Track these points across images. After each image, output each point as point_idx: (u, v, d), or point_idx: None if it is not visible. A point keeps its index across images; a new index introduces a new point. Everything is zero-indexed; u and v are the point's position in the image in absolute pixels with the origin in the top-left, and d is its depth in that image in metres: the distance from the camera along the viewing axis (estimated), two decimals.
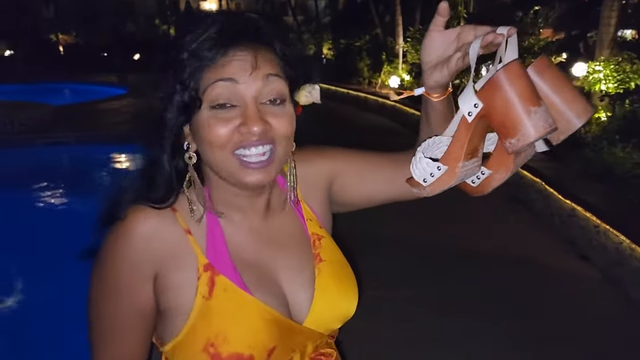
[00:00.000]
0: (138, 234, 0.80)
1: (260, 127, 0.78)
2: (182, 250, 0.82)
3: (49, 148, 8.02)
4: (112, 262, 0.80)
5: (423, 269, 3.65)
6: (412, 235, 4.23)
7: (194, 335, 0.79)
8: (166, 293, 0.81)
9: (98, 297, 0.82)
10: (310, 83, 0.89)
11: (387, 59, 12.41)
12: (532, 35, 7.08)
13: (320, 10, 28.68)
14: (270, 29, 0.84)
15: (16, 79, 17.03)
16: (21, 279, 4.50)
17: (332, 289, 0.90)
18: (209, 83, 0.78)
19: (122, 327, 0.82)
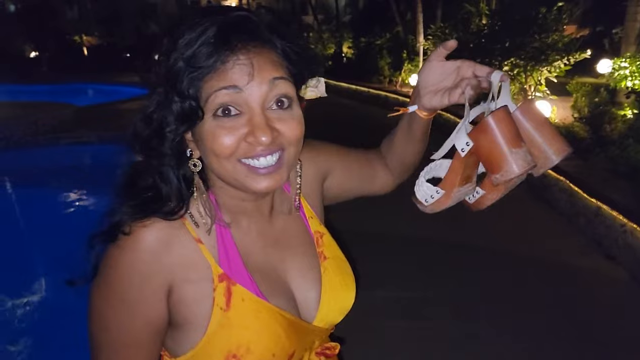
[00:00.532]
0: (148, 246, 0.75)
1: (269, 136, 0.74)
2: (195, 261, 0.78)
3: (73, 148, 8.17)
4: (120, 276, 0.75)
5: (441, 269, 3.61)
6: (431, 235, 4.19)
7: (213, 347, 0.77)
8: (180, 306, 0.78)
9: (105, 313, 0.77)
10: (315, 76, 0.86)
11: (408, 57, 12.31)
12: (556, 32, 6.94)
13: (341, 9, 28.65)
14: (269, 25, 0.79)
15: (41, 80, 17.41)
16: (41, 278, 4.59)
17: (337, 286, 0.91)
18: (211, 92, 0.73)
19: (131, 342, 0.77)
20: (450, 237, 4.12)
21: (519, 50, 6.84)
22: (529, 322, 2.96)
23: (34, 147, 8.08)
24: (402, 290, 3.29)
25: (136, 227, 0.76)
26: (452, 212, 3.48)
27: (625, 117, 5.92)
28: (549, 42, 6.82)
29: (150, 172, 0.80)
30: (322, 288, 0.89)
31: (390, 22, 14.93)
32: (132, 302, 0.76)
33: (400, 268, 3.59)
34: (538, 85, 7.20)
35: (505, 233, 4.24)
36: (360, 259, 3.56)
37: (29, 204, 6.52)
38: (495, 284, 3.39)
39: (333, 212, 1.09)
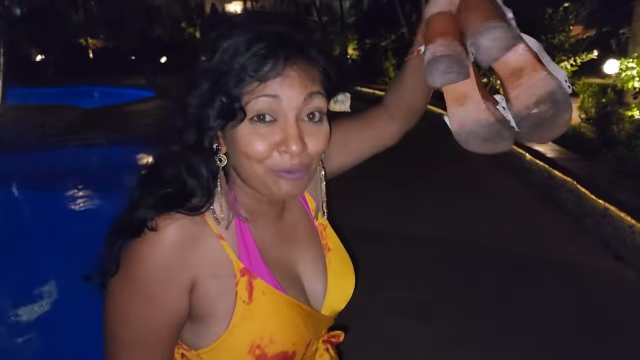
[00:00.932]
0: (174, 243, 0.77)
1: (299, 146, 0.77)
2: (218, 257, 0.81)
3: (80, 150, 8.21)
4: (145, 272, 0.76)
5: (448, 270, 3.60)
6: (437, 235, 4.19)
7: (237, 338, 0.80)
8: (204, 301, 0.80)
9: (127, 309, 0.78)
10: (343, 92, 0.90)
11: None
12: (563, 32, 6.93)
13: (345, 11, 28.67)
14: (316, 43, 0.83)
15: (47, 83, 17.50)
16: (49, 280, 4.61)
17: (341, 276, 0.96)
18: (252, 97, 0.77)
19: (152, 337, 0.79)
20: (453, 236, 4.12)
21: None
22: (534, 322, 2.95)
23: (40, 149, 8.13)
24: (402, 290, 3.29)
25: (161, 222, 0.76)
26: (455, 210, 3.51)
27: (632, 117, 5.89)
28: (555, 42, 6.81)
29: (179, 164, 0.81)
30: (328, 278, 0.94)
31: (395, 23, 14.92)
32: (155, 297, 0.77)
33: (400, 267, 3.59)
34: None
35: (512, 233, 4.23)
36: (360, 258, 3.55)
37: (37, 206, 6.56)
38: (501, 284, 3.39)
39: (332, 208, 1.09)
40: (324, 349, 0.97)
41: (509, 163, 5.92)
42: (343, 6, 28.36)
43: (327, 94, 0.84)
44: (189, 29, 31.26)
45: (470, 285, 3.37)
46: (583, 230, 4.23)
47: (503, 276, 3.50)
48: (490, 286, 3.37)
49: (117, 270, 0.77)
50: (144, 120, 9.98)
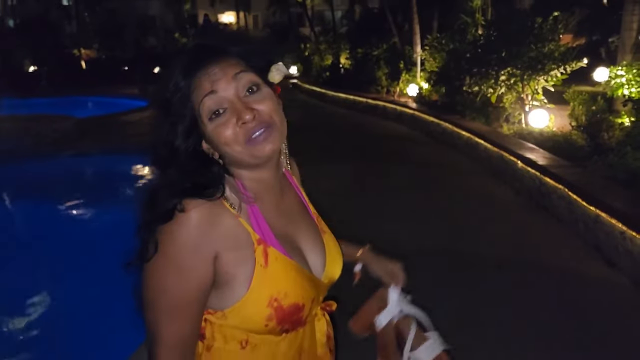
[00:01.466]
0: (197, 221, 0.92)
1: (250, 114, 0.96)
2: (237, 231, 0.98)
3: (73, 159, 8.19)
4: (177, 247, 0.92)
5: (443, 279, 3.62)
6: (432, 244, 4.22)
7: (258, 295, 0.97)
8: (228, 267, 0.96)
9: (164, 279, 0.93)
10: (274, 63, 1.08)
11: (405, 67, 12.40)
12: (552, 41, 7.01)
13: (337, 21, 28.88)
14: (222, 42, 1.04)
15: (40, 94, 17.46)
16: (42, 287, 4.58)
17: (335, 254, 1.17)
18: (198, 102, 0.97)
19: (185, 302, 0.94)
20: (450, 245, 4.15)
21: (515, 59, 6.90)
22: (530, 328, 2.97)
23: (34, 159, 8.10)
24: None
25: (187, 205, 0.92)
26: (452, 219, 3.53)
27: (622, 124, 5.97)
28: (545, 51, 6.89)
29: (185, 170, 0.99)
30: (326, 254, 1.14)
31: (387, 33, 15.03)
32: (186, 268, 0.93)
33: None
34: (535, 94, 7.25)
35: (506, 240, 4.26)
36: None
37: (30, 215, 6.53)
38: (496, 291, 3.41)
39: (332, 223, 1.25)
40: (322, 314, 1.18)
41: (501, 171, 5.98)
42: (335, 16, 28.57)
43: (256, 70, 1.03)
44: (182, 39, 31.31)
45: (466, 292, 3.39)
46: (575, 236, 4.27)
47: (498, 282, 3.53)
48: (486, 292, 3.39)
49: (156, 251, 0.91)
50: (137, 130, 9.98)
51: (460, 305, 3.25)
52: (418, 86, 11.43)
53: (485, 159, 6.56)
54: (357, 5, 28.24)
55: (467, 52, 7.89)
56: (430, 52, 10.82)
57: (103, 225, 6.15)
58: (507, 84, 7.24)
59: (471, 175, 6.37)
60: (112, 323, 3.56)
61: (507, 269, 3.75)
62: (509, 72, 7.03)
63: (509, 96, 7.48)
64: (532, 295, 3.40)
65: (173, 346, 0.94)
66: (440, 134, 8.36)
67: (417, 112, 9.57)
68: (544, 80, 7.09)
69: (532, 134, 6.48)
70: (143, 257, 0.93)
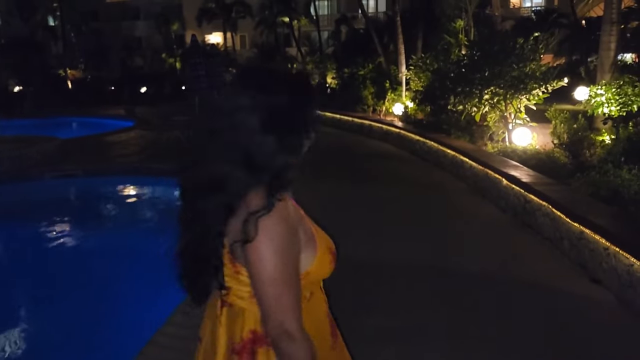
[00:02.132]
0: (287, 213, 1.23)
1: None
2: (301, 215, 1.32)
3: (57, 181, 8.09)
4: (282, 229, 1.19)
5: (431, 296, 3.61)
6: (419, 262, 4.21)
7: (323, 250, 1.32)
8: (303, 237, 1.27)
9: (280, 257, 1.18)
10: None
11: (391, 86, 12.56)
12: (534, 61, 7.17)
13: (324, 41, 29.23)
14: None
15: (25, 114, 17.31)
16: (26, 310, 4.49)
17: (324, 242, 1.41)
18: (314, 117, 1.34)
19: (294, 273, 1.23)
20: (435, 261, 4.15)
21: (498, 79, 7.02)
22: (516, 345, 2.97)
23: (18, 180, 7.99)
24: (392, 318, 3.28)
25: (276, 201, 1.19)
26: (436, 236, 3.51)
27: (603, 142, 6.08)
28: (527, 71, 7.02)
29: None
30: (319, 248, 1.35)
31: (373, 53, 15.25)
32: (292, 244, 1.23)
33: (392, 296, 3.59)
34: (518, 113, 7.37)
35: (491, 257, 4.28)
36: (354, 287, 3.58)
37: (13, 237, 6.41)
38: (482, 308, 3.41)
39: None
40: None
41: (486, 189, 6.03)
42: (322, 37, 28.91)
43: None
44: (170, 59, 31.48)
45: (453, 310, 3.39)
46: (560, 253, 4.30)
47: (483, 300, 3.53)
48: (471, 310, 3.38)
49: (256, 234, 1.16)
50: (122, 150, 9.93)
51: (446, 320, 3.24)
52: (403, 105, 11.57)
53: (470, 177, 6.62)
54: (343, 26, 28.63)
55: (452, 72, 8.01)
56: (415, 72, 10.97)
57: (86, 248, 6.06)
58: (490, 102, 7.35)
59: (456, 193, 6.41)
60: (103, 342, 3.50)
61: (492, 286, 3.75)
62: (492, 91, 7.14)
63: (493, 115, 7.60)
64: (517, 311, 3.40)
65: (297, 308, 1.20)
66: (425, 152, 8.43)
67: (403, 131, 9.66)
68: (526, 99, 7.22)
69: (516, 152, 6.56)
70: (248, 240, 1.16)
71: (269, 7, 29.32)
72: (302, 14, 30.37)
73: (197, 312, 3.18)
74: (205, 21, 31.72)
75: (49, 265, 5.38)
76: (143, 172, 8.23)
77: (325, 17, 34.21)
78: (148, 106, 19.64)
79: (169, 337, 2.96)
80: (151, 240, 6.52)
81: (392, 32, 14.73)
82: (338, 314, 1.54)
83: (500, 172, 5.67)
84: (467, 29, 11.22)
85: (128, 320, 4.01)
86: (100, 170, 8.38)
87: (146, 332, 2.96)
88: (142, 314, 4.05)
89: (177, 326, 3.04)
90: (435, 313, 3.35)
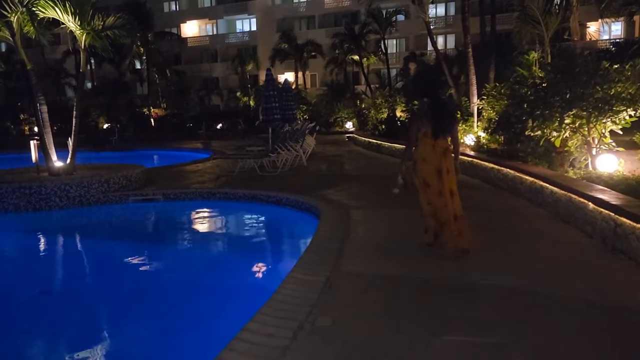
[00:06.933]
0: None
1: None
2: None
3: (140, 204, 8.56)
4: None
5: (519, 318, 3.41)
6: (504, 284, 4.00)
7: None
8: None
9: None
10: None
11: (462, 117, 12.35)
12: (619, 83, 6.79)
13: (392, 78, 29.50)
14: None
15: (113, 148, 18.63)
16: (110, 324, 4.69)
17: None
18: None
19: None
20: (524, 285, 3.92)
21: (580, 101, 6.70)
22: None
23: (105, 203, 8.54)
24: (475, 337, 3.11)
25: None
26: (520, 263, 3.32)
27: None
28: (613, 93, 6.66)
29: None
30: None
31: (443, 85, 15.15)
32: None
33: (476, 317, 3.42)
34: (602, 138, 6.98)
35: (584, 283, 3.98)
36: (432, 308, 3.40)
37: (101, 255, 6.80)
38: (575, 336, 3.16)
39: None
40: None
41: (570, 214, 5.69)
42: (390, 73, 29.22)
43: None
44: (244, 97, 32.91)
45: (540, 333, 3.16)
46: None
47: (576, 324, 3.28)
48: (558, 333, 3.15)
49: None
50: (199, 178, 10.38)
51: (541, 344, 3.03)
52: (475, 135, 11.30)
53: (551, 203, 6.28)
54: (411, 63, 28.83)
55: (530, 94, 7.74)
56: (488, 101, 10.74)
57: (162, 264, 6.30)
58: (572, 127, 7.01)
59: (537, 219, 6.09)
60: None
61: (582, 310, 3.48)
62: (574, 115, 6.82)
63: (575, 140, 7.23)
64: (607, 337, 3.12)
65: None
66: (500, 180, 8.13)
67: (476, 159, 9.41)
68: (611, 123, 6.82)
69: (601, 178, 6.17)
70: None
71: (340, 46, 30.09)
72: (371, 52, 30.90)
73: (272, 320, 3.20)
74: (278, 61, 33.03)
75: (135, 277, 5.64)
76: (218, 196, 8.53)
77: (393, 55, 34.60)
78: (223, 140, 20.53)
79: (246, 342, 2.97)
80: (225, 255, 6.71)
81: (462, 65, 14.60)
82: (421, 334, 1.40)
83: (586, 195, 5.34)
84: (542, 60, 10.89)
85: (206, 327, 4.11)
86: (179, 194, 8.78)
87: (224, 338, 3.00)
88: (219, 322, 4.14)
89: (253, 333, 3.07)
90: (520, 337, 3.16)
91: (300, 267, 4.28)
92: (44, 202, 8.23)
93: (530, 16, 11.90)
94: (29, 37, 9.58)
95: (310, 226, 6.25)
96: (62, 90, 32.75)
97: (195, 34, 42.10)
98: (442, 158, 4.70)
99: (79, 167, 9.64)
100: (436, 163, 4.70)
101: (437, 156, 4.70)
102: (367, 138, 16.44)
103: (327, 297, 3.66)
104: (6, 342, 4.07)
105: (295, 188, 8.50)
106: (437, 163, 4.70)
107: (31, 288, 5.36)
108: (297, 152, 11.93)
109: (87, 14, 9.01)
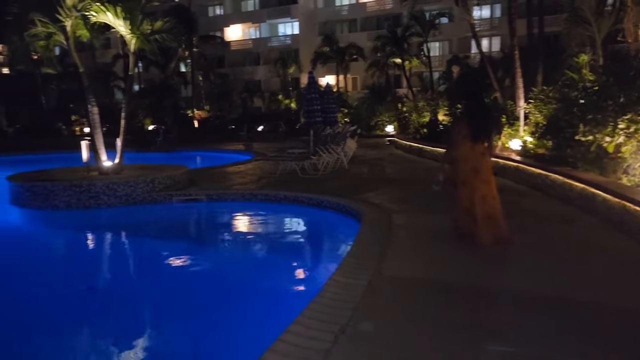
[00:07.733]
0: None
1: None
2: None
3: (183, 204, 8.75)
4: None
5: (565, 329, 3.27)
6: (552, 292, 3.86)
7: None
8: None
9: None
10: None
11: (508, 121, 12.03)
12: None
13: (435, 81, 29.10)
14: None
15: (158, 149, 19.12)
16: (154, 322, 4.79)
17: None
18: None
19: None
20: (571, 295, 3.77)
21: (636, 105, 6.41)
22: None
23: (150, 202, 8.77)
24: (527, 347, 3.01)
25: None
26: (569, 271, 3.18)
27: None
28: None
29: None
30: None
31: (488, 88, 14.80)
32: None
33: (526, 326, 3.31)
34: None
35: (630, 293, 3.80)
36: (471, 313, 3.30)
37: (145, 253, 6.98)
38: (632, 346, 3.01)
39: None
40: None
41: (624, 223, 5.44)
42: (433, 77, 28.83)
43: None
44: (285, 100, 33.20)
45: (594, 347, 3.03)
46: None
47: (630, 337, 3.12)
48: (618, 348, 3.00)
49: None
50: (241, 179, 10.51)
51: (589, 355, 2.90)
52: (521, 140, 10.98)
53: (602, 211, 6.02)
54: (454, 66, 28.34)
55: (581, 98, 7.45)
56: (535, 105, 10.43)
57: (209, 266, 6.40)
58: (626, 132, 6.71)
59: (588, 227, 5.85)
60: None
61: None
62: (629, 119, 6.52)
63: (629, 146, 6.91)
64: None
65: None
66: (548, 186, 7.87)
67: (522, 165, 9.14)
68: None
69: None
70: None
71: (381, 49, 29.91)
72: (413, 55, 30.57)
73: (314, 323, 3.19)
74: (320, 64, 33.15)
75: (178, 276, 5.76)
76: (260, 198, 8.62)
77: (436, 58, 34.14)
78: (264, 142, 20.77)
79: (288, 344, 2.97)
80: (267, 257, 6.76)
81: (507, 68, 14.22)
82: (463, 343, 1.36)
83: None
84: (593, 62, 10.47)
85: (248, 328, 4.14)
86: (221, 195, 8.92)
87: (266, 339, 3.01)
88: (261, 323, 4.17)
89: (295, 335, 3.07)
90: (566, 347, 3.03)
91: (342, 270, 4.26)
92: (93, 200, 8.52)
93: (581, 17, 11.50)
94: (81, 41, 9.98)
95: (351, 229, 6.22)
96: (111, 92, 33.91)
97: (238, 37, 42.84)
98: (480, 159, 4.96)
99: (126, 167, 9.94)
100: (474, 163, 4.95)
101: (476, 157, 4.95)
102: (409, 142, 16.25)
103: (368, 301, 3.62)
104: (54, 336, 4.22)
105: (336, 191, 8.49)
106: (476, 163, 4.95)
107: (80, 284, 5.54)
108: (338, 155, 11.92)
109: (136, 19, 9.31)
